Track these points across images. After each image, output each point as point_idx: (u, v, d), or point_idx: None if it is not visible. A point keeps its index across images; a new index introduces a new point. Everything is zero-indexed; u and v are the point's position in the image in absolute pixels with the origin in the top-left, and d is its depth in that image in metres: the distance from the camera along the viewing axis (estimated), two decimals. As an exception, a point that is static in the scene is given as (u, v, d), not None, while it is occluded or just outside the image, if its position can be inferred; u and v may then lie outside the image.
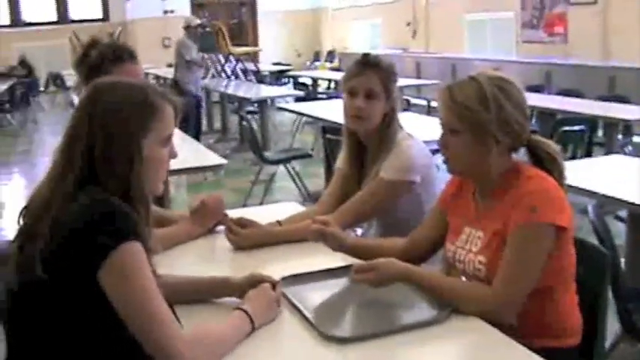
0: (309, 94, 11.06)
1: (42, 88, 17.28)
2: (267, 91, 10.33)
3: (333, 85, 12.97)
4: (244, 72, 12.46)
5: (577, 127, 5.89)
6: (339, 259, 2.31)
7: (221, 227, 2.68)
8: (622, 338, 3.01)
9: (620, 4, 10.33)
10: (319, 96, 11.32)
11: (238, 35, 18.31)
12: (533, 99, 7.05)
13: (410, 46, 15.48)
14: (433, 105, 10.67)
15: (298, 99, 9.84)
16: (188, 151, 4.62)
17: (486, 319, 1.88)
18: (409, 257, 2.18)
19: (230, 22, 18.84)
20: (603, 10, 10.59)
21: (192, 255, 2.58)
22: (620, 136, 6.82)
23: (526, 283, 1.93)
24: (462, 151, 2.07)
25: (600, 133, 6.69)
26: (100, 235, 1.61)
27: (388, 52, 14.72)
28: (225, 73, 12.34)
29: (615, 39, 10.41)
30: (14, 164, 10.01)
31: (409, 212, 2.68)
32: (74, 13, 19.37)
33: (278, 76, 14.92)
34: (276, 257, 2.49)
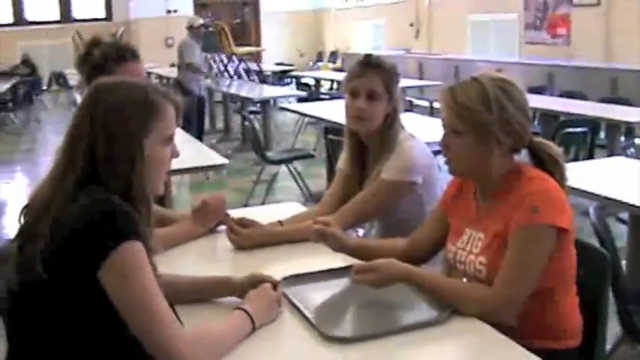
0: (312, 94, 11.05)
1: (45, 87, 17.30)
2: (269, 91, 10.33)
3: (335, 85, 12.96)
4: (247, 72, 12.47)
5: (579, 129, 5.88)
6: (340, 260, 2.31)
7: (222, 227, 2.69)
8: (622, 340, 3.01)
9: (623, 5, 10.32)
10: (322, 96, 11.31)
11: (241, 35, 18.32)
12: (536, 100, 7.06)
13: (413, 47, 15.48)
14: (435, 106, 10.65)
15: (301, 99, 9.84)
16: (190, 151, 4.62)
17: (486, 320, 1.88)
18: (410, 258, 2.18)
19: (233, 22, 18.85)
20: (606, 11, 10.58)
21: (194, 254, 2.58)
22: (622, 138, 6.80)
23: (526, 285, 1.93)
24: (463, 152, 2.07)
25: (602, 135, 6.68)
26: (100, 234, 1.61)
27: (391, 52, 14.71)
28: (228, 73, 12.34)
29: (618, 41, 10.41)
30: (17, 163, 10.02)
31: (410, 213, 2.68)
32: (77, 13, 19.39)
33: (280, 77, 14.92)
34: (277, 257, 2.49)
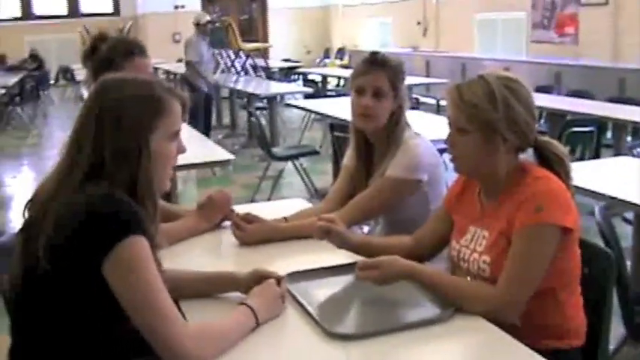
0: (319, 91, 11.05)
1: (52, 82, 17.33)
2: (276, 87, 10.33)
3: (342, 82, 12.94)
4: (254, 68, 12.47)
5: (586, 128, 5.86)
6: (344, 257, 2.31)
7: (227, 222, 2.69)
8: (626, 341, 3.00)
9: (631, 5, 10.28)
10: (328, 93, 11.31)
11: (248, 31, 18.31)
12: (543, 99, 7.07)
13: (420, 45, 15.45)
14: (442, 104, 10.65)
15: (307, 96, 9.84)
16: (196, 147, 4.63)
17: (490, 319, 1.88)
18: (414, 255, 2.18)
19: (240, 18, 18.85)
20: (614, 11, 10.55)
21: (199, 250, 2.59)
22: (629, 138, 6.79)
23: (530, 284, 1.93)
24: (469, 150, 2.07)
25: (609, 134, 6.67)
26: (105, 228, 1.62)
27: (398, 50, 14.69)
28: (235, 68, 12.35)
29: (626, 41, 10.37)
30: (23, 157, 10.05)
31: (415, 211, 2.68)
32: (85, 7, 19.42)
33: (287, 73, 14.91)
34: (281, 253, 2.50)
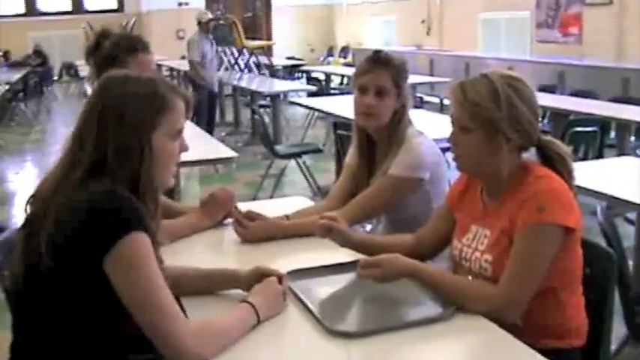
0: (322, 89, 11.05)
1: (55, 78, 17.35)
2: (279, 85, 10.35)
3: (346, 80, 12.95)
4: (257, 66, 12.48)
5: (589, 128, 5.86)
6: (346, 255, 2.31)
7: (230, 220, 2.69)
8: (628, 341, 3.00)
9: (636, 5, 10.25)
10: (332, 91, 11.31)
11: (252, 29, 18.32)
12: (547, 99, 7.06)
13: (424, 44, 15.45)
14: (446, 102, 10.63)
15: (311, 94, 9.84)
16: (199, 144, 4.64)
17: (491, 318, 1.88)
18: (416, 254, 2.18)
19: (244, 16, 18.86)
20: (619, 11, 10.53)
21: (200, 247, 2.59)
22: (632, 138, 6.77)
23: (532, 283, 1.93)
24: (472, 149, 2.07)
25: (612, 134, 6.65)
26: (107, 224, 1.62)
27: (402, 49, 14.69)
28: (239, 66, 12.35)
29: (630, 40, 10.35)
30: (27, 153, 10.07)
31: (417, 209, 2.68)
32: (89, 4, 19.43)
33: (291, 71, 14.92)
34: (283, 251, 2.50)
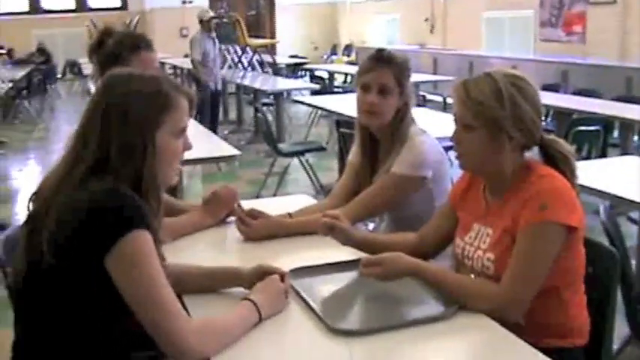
0: (325, 87, 11.05)
1: (59, 76, 17.36)
2: (283, 83, 10.34)
3: (349, 79, 12.95)
4: (261, 64, 12.48)
5: (592, 127, 5.85)
6: (348, 253, 2.31)
7: (232, 218, 2.70)
8: (630, 340, 3.00)
9: (639, 4, 10.24)
10: (335, 89, 11.31)
11: (256, 27, 18.33)
12: (550, 98, 7.05)
13: (428, 42, 15.45)
14: (449, 101, 10.63)
15: (314, 92, 9.84)
16: (202, 142, 4.64)
17: (494, 317, 1.88)
18: (418, 252, 2.18)
19: (248, 14, 18.87)
20: (623, 10, 10.51)
21: (203, 245, 2.60)
22: (635, 138, 6.77)
23: (534, 282, 1.93)
24: (475, 148, 2.07)
25: (616, 133, 6.65)
26: (109, 222, 1.63)
27: (405, 47, 14.68)
28: (242, 64, 12.36)
29: (634, 40, 10.34)
30: (30, 151, 10.08)
31: (420, 207, 2.68)
32: (93, 2, 19.44)
33: (294, 69, 14.93)
34: (285, 249, 2.50)
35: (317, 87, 10.21)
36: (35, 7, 19.21)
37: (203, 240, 2.62)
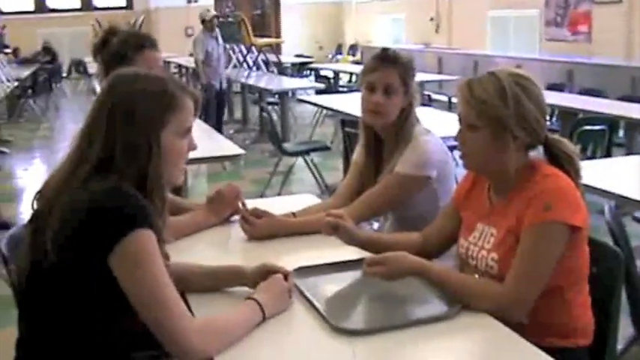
0: (330, 86, 11.06)
1: (64, 75, 17.40)
2: (288, 82, 10.35)
3: (354, 78, 12.95)
4: (266, 63, 12.49)
5: (598, 127, 5.84)
6: (352, 252, 2.31)
7: (236, 217, 2.70)
8: (634, 341, 2.99)
9: (646, 4, 10.24)
10: (340, 89, 11.31)
11: (261, 26, 18.34)
12: (555, 97, 7.04)
13: (433, 41, 15.44)
14: (454, 101, 10.60)
15: (319, 91, 9.85)
16: (207, 141, 4.64)
17: (497, 317, 1.88)
18: (422, 252, 2.18)
19: (253, 13, 18.89)
20: (628, 10, 10.49)
21: (206, 243, 2.60)
22: (640, 137, 6.75)
23: (538, 282, 1.93)
24: (479, 147, 2.06)
25: (621, 133, 6.63)
26: (113, 220, 1.63)
27: (411, 46, 14.68)
28: (247, 63, 12.37)
29: (639, 39, 10.32)
30: (35, 150, 10.10)
31: (424, 207, 2.68)
32: (98, 1, 19.49)
33: (299, 68, 14.95)
34: (289, 248, 2.50)
35: (322, 86, 10.22)
36: (41, 6, 19.26)
37: (207, 239, 2.62)
